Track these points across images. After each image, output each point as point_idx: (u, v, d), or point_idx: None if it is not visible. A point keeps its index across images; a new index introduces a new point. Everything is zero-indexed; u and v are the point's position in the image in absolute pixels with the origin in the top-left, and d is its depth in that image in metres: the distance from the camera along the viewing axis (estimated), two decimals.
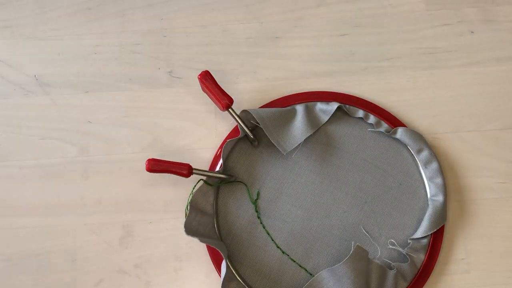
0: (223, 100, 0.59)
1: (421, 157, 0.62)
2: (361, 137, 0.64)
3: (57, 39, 0.71)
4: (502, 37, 0.69)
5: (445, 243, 0.60)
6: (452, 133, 0.65)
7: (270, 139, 0.60)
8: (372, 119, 0.64)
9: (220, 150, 0.63)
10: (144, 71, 0.69)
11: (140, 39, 0.71)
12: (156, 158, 0.57)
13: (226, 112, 0.60)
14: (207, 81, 0.60)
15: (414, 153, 0.62)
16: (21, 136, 0.66)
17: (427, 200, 0.61)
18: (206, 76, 0.60)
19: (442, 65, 0.68)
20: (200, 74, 0.60)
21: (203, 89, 0.62)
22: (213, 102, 0.62)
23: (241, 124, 0.61)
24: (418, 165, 0.62)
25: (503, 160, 0.64)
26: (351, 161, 0.63)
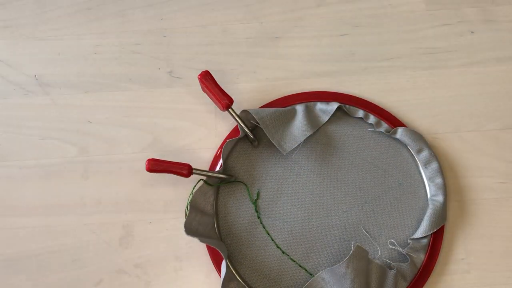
0: (223, 100, 0.59)
1: (421, 157, 0.62)
2: (361, 137, 0.64)
3: (57, 39, 0.71)
4: (502, 37, 0.69)
5: (445, 243, 0.60)
6: (452, 133, 0.65)
7: (270, 139, 0.60)
8: (372, 119, 0.64)
9: (220, 150, 0.63)
10: (144, 71, 0.69)
11: (140, 39, 0.71)
12: (156, 158, 0.57)
13: (226, 112, 0.60)
14: (207, 81, 0.60)
15: (414, 153, 0.62)
16: (21, 136, 0.66)
17: (427, 200, 0.61)
18: (206, 76, 0.60)
19: (442, 65, 0.68)
20: (200, 74, 0.60)
21: (203, 89, 0.62)
22: (213, 102, 0.62)
23: (241, 124, 0.61)
24: (418, 165, 0.62)
25: (503, 160, 0.64)
26: (351, 161, 0.63)
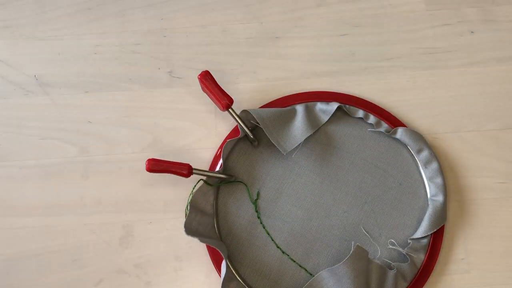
0: (223, 100, 0.59)
1: (421, 157, 0.62)
2: (361, 137, 0.64)
3: (57, 39, 0.71)
4: (502, 37, 0.69)
5: (445, 243, 0.60)
6: (452, 133, 0.65)
7: (270, 139, 0.60)
8: (372, 119, 0.64)
9: (220, 150, 0.63)
10: (144, 71, 0.69)
11: (140, 39, 0.71)
12: (156, 158, 0.57)
13: (226, 112, 0.60)
14: (207, 81, 0.60)
15: (414, 153, 0.62)
16: (21, 136, 0.66)
17: (427, 200, 0.61)
18: (206, 76, 0.60)
19: (442, 65, 0.68)
20: (200, 74, 0.60)
21: (203, 89, 0.62)
22: (213, 102, 0.62)
23: (241, 124, 0.61)
24: (418, 165, 0.62)
25: (503, 160, 0.64)
26: (351, 161, 0.63)
